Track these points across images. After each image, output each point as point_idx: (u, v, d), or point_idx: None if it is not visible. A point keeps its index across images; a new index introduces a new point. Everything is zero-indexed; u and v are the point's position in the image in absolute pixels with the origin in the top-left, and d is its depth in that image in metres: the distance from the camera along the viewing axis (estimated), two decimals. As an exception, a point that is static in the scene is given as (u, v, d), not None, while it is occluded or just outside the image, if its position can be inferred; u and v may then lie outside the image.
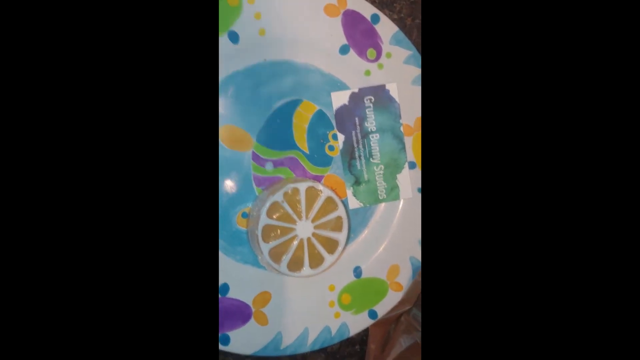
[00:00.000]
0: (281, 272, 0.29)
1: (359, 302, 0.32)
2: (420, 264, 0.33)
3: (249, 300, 0.30)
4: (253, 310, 0.30)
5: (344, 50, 0.31)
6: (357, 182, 0.32)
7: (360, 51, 0.32)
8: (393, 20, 0.33)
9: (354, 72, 0.32)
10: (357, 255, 0.32)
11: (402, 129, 0.32)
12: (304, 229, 0.29)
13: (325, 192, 0.29)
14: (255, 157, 0.30)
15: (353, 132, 0.32)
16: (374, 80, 0.32)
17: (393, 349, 0.33)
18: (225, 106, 0.29)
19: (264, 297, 0.30)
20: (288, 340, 0.30)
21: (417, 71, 0.32)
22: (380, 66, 0.32)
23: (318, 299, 0.31)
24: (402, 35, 0.32)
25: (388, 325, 0.34)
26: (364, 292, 0.32)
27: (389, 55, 0.32)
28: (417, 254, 0.33)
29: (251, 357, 0.31)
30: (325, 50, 0.31)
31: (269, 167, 0.31)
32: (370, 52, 0.32)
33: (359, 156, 0.32)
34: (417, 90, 0.33)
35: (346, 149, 0.32)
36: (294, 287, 0.31)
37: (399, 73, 0.32)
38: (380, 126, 0.32)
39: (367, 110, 0.32)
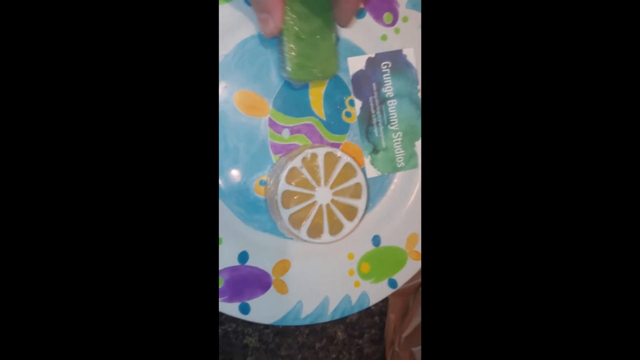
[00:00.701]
0: (301, 238, 0.28)
1: (379, 271, 0.31)
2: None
3: (268, 269, 0.29)
4: (273, 278, 0.29)
5: (360, 14, 0.31)
6: (375, 150, 0.31)
7: (376, 15, 0.31)
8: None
9: (370, 37, 0.31)
10: (376, 224, 0.32)
11: (419, 94, 0.32)
12: (323, 195, 0.29)
13: (344, 158, 0.29)
14: (272, 123, 0.30)
15: (370, 98, 0.31)
16: (390, 45, 0.31)
17: (413, 319, 0.33)
18: (240, 71, 0.29)
19: (284, 265, 0.29)
20: (308, 309, 0.30)
21: (434, 36, 0.32)
22: (397, 30, 0.31)
23: (337, 268, 0.30)
24: (418, -1, 0.31)
25: (408, 295, 0.33)
26: (383, 261, 0.31)
27: (405, 19, 0.31)
28: (436, 222, 0.32)
29: (270, 328, 0.31)
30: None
31: (285, 134, 0.30)
32: (387, 17, 0.31)
33: (377, 123, 0.31)
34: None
35: (363, 116, 0.31)
36: (314, 255, 0.30)
37: (416, 37, 0.32)
38: (398, 92, 0.31)
39: (384, 76, 0.31)
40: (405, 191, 0.32)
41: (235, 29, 0.28)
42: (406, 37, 0.31)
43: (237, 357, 0.31)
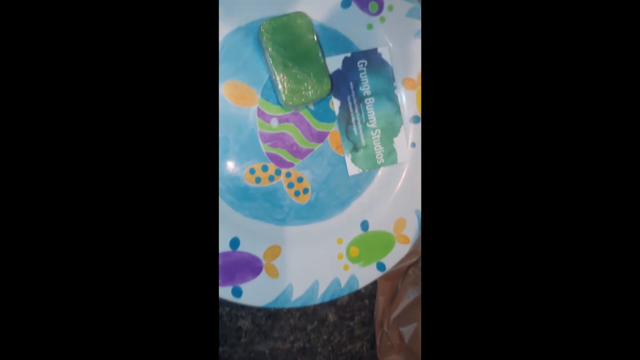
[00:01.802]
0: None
1: (367, 255, 0.32)
2: (426, 217, 0.33)
3: (259, 254, 0.30)
4: (264, 263, 0.30)
5: (346, 3, 0.31)
6: (355, 148, 0.32)
7: (362, 4, 0.31)
8: (394, -28, 0.33)
9: (356, 26, 0.31)
10: (364, 209, 0.33)
11: (396, 91, 0.32)
12: None
13: None
14: (261, 113, 0.30)
15: (348, 97, 0.32)
16: (376, 34, 0.32)
17: (402, 301, 0.34)
18: (229, 62, 0.30)
19: (274, 251, 0.31)
20: (298, 292, 0.31)
21: (419, 24, 0.32)
22: (383, 19, 0.32)
23: (327, 252, 0.31)
24: (403, -13, 0.32)
25: (396, 278, 0.34)
26: (371, 245, 0.32)
27: (390, 8, 0.32)
28: (423, 207, 0.33)
29: (263, 311, 0.32)
30: (327, 5, 0.31)
31: (274, 123, 0.31)
32: (372, 5, 0.32)
33: (356, 121, 0.32)
34: (420, 43, 0.32)
35: (342, 115, 0.32)
36: (304, 240, 0.31)
37: (402, 26, 0.32)
38: (375, 90, 0.32)
39: (360, 75, 0.32)
40: (392, 178, 0.33)
41: (221, 22, 0.29)
42: (391, 25, 0.32)
43: (231, 339, 0.32)
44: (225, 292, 0.29)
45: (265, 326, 0.32)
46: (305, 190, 0.32)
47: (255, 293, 0.30)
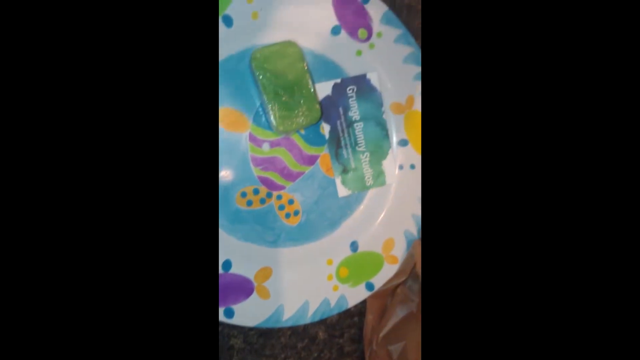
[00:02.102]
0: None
1: (356, 275, 0.33)
2: (413, 237, 0.34)
3: (251, 276, 0.31)
4: (255, 284, 0.31)
5: (335, 31, 0.32)
6: (344, 171, 0.33)
7: (351, 32, 0.32)
8: (383, 0, 0.33)
9: (346, 53, 0.32)
10: (354, 230, 0.33)
11: (384, 116, 0.33)
12: None
13: None
14: (252, 138, 0.31)
15: (338, 122, 0.33)
16: (365, 60, 0.33)
17: (390, 319, 0.34)
18: (221, 89, 0.30)
19: (266, 272, 0.31)
20: (289, 312, 0.31)
21: (407, 49, 0.33)
22: (372, 46, 0.33)
23: (317, 273, 0.32)
24: (392, 14, 0.33)
25: (385, 297, 0.35)
26: (360, 266, 0.33)
27: (379, 34, 0.33)
28: (412, 227, 0.34)
29: (255, 330, 0.33)
30: (317, 32, 0.32)
31: (265, 147, 0.32)
32: (362, 32, 0.32)
33: (345, 145, 0.33)
34: (409, 69, 0.33)
35: (332, 139, 0.33)
36: (294, 262, 0.32)
37: (390, 52, 0.33)
38: (364, 115, 0.33)
39: (350, 100, 0.32)
40: (381, 199, 0.34)
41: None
42: (380, 51, 0.33)
43: (224, 357, 0.33)
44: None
45: (257, 344, 0.33)
46: (296, 212, 0.32)
47: (247, 314, 0.31)
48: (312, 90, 0.30)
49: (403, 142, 0.34)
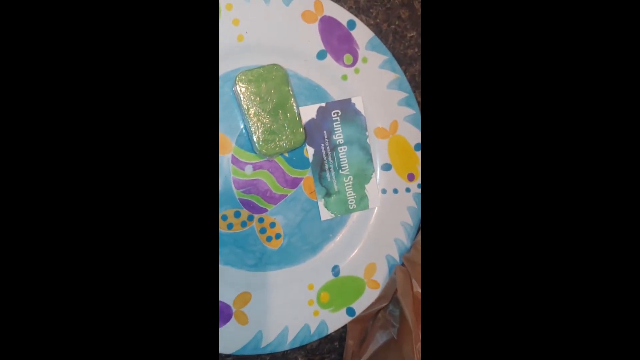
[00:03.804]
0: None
1: (337, 300, 0.33)
2: (395, 262, 0.34)
3: (229, 301, 0.30)
4: (234, 310, 0.30)
5: (321, 55, 0.32)
6: (327, 194, 0.33)
7: (337, 56, 0.32)
8: (369, 25, 0.34)
9: (331, 77, 0.32)
10: (336, 255, 0.33)
11: (368, 140, 0.33)
12: None
13: None
14: (235, 160, 0.31)
15: (322, 145, 0.32)
16: (350, 85, 0.33)
17: (370, 345, 0.34)
18: (204, 110, 0.30)
19: (244, 298, 0.31)
20: (268, 339, 0.31)
21: (392, 75, 0.33)
22: (357, 71, 0.33)
23: (297, 298, 0.32)
24: (377, 40, 0.33)
25: (366, 322, 0.35)
26: (342, 291, 0.33)
27: (365, 60, 0.33)
28: (394, 252, 0.34)
29: (232, 357, 0.32)
30: (302, 56, 0.32)
31: (248, 170, 0.31)
32: (347, 58, 0.33)
33: (329, 168, 0.33)
34: (393, 94, 0.34)
35: (316, 162, 0.32)
36: (274, 286, 0.31)
37: (375, 77, 0.33)
38: (348, 138, 0.33)
39: (334, 124, 0.33)
40: (364, 223, 0.34)
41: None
42: (365, 77, 0.33)
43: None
44: (193, 340, 0.29)
45: (234, 371, 0.32)
46: (278, 236, 0.32)
47: (225, 340, 0.30)
48: (296, 113, 0.30)
49: (386, 167, 0.34)
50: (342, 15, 0.32)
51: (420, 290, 0.31)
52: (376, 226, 0.34)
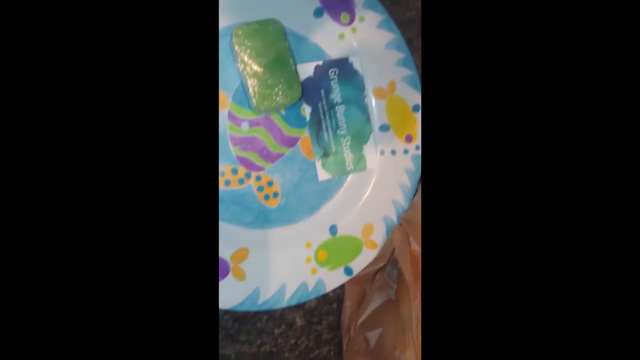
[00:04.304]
0: None
1: (335, 259, 0.32)
2: (393, 223, 0.34)
3: (227, 256, 0.30)
4: (231, 265, 0.30)
5: (318, 13, 0.32)
6: (325, 154, 0.33)
7: (334, 14, 0.32)
8: (366, -15, 0.34)
9: (328, 35, 0.32)
10: (333, 215, 0.33)
11: (366, 100, 0.33)
12: None
13: None
14: (232, 116, 0.31)
15: (319, 104, 0.32)
16: (348, 44, 0.33)
17: (369, 306, 0.34)
18: (201, 66, 0.30)
19: (242, 253, 0.31)
20: (265, 296, 0.31)
21: (390, 36, 0.33)
22: (354, 30, 0.33)
23: (295, 256, 0.32)
24: (375, 0, 0.33)
25: (364, 283, 0.35)
26: (339, 249, 0.33)
27: (362, 19, 0.33)
28: (391, 213, 0.34)
29: (230, 314, 0.32)
30: (299, 13, 0.32)
31: (244, 126, 0.31)
32: (344, 16, 0.32)
33: (326, 128, 0.33)
34: (391, 54, 0.33)
35: (313, 121, 0.32)
36: (272, 244, 0.31)
37: (373, 37, 0.33)
38: (346, 98, 0.33)
39: (332, 83, 0.32)
40: (362, 184, 0.34)
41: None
42: (363, 36, 0.33)
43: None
44: (191, 294, 0.29)
45: (232, 330, 0.32)
46: (275, 194, 0.32)
47: (222, 295, 0.30)
48: (293, 69, 0.30)
49: (384, 127, 0.34)
50: (339, -27, 0.32)
51: (418, 249, 0.31)
52: (374, 188, 0.34)
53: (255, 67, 0.29)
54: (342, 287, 0.34)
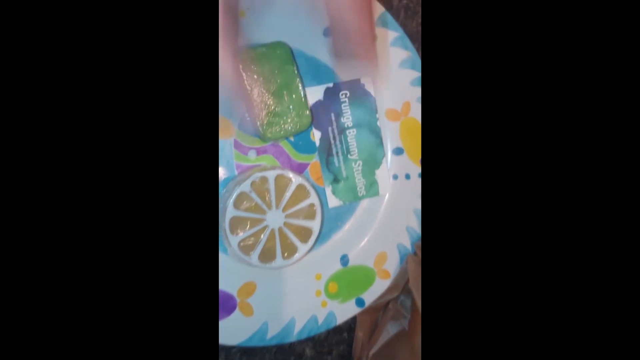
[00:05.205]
0: (253, 265, 0.28)
1: (346, 291, 0.31)
2: (407, 251, 0.32)
3: (233, 291, 0.29)
4: (238, 300, 0.29)
5: (328, 32, 0.30)
6: (335, 180, 0.31)
7: (345, 33, 0.30)
8: (379, 0, 0.32)
9: (339, 55, 0.30)
10: (344, 244, 0.32)
11: (379, 123, 0.31)
12: (274, 218, 0.28)
13: (295, 180, 0.28)
14: (238, 144, 0.29)
15: (329, 128, 0.31)
16: (360, 64, 0.31)
17: (381, 336, 0.33)
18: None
19: (249, 288, 0.29)
20: (274, 330, 0.30)
21: (404, 54, 0.31)
22: (366, 49, 0.31)
23: (304, 289, 0.31)
24: (388, 16, 0.31)
25: (376, 312, 0.33)
26: (351, 281, 0.31)
27: (375, 37, 0.31)
28: (405, 240, 0.32)
29: (237, 348, 0.31)
30: (308, 32, 0.30)
31: (252, 155, 0.30)
32: (356, 34, 0.31)
33: (337, 153, 0.31)
34: (405, 74, 0.32)
35: (323, 146, 0.31)
36: (280, 277, 0.30)
37: (386, 56, 0.31)
38: (357, 121, 0.31)
39: (342, 106, 0.31)
40: (374, 210, 0.32)
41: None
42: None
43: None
44: (196, 332, 0.28)
45: (240, 363, 0.31)
46: (284, 224, 0.31)
47: (229, 332, 0.29)
48: (302, 94, 0.28)
49: (398, 151, 0.32)
50: (351, -11, 0.30)
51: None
52: (387, 214, 0.32)
53: (262, 94, 0.27)
54: (353, 317, 0.33)
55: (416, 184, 0.32)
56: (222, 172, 0.29)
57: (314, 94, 0.30)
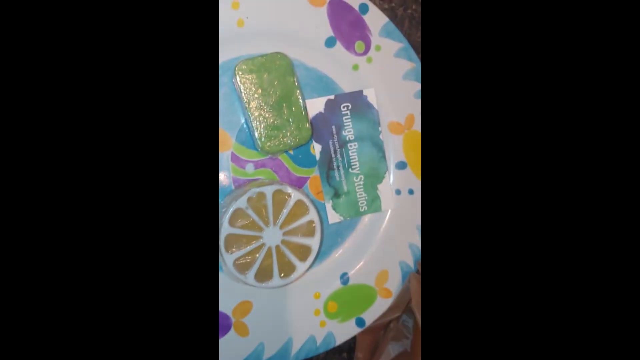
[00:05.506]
0: (248, 284, 0.27)
1: (346, 310, 0.30)
2: (410, 269, 0.31)
3: (228, 311, 0.28)
4: (233, 320, 0.28)
5: (330, 42, 0.29)
6: (336, 195, 0.30)
7: (347, 44, 0.29)
8: (383, 10, 0.31)
9: (340, 67, 0.30)
10: (344, 261, 0.30)
11: (381, 136, 0.30)
12: (271, 236, 0.27)
13: (294, 196, 0.27)
14: (235, 158, 0.28)
15: (330, 142, 0.30)
16: (362, 75, 0.30)
17: (381, 358, 0.32)
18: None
19: (245, 307, 0.28)
20: (270, 352, 0.28)
21: (408, 65, 0.30)
22: (369, 60, 0.30)
23: (303, 308, 0.29)
24: (392, 26, 0.30)
25: (377, 332, 0.32)
26: (351, 300, 0.30)
27: (378, 48, 0.30)
28: (408, 258, 0.31)
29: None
30: (309, 43, 0.29)
31: (249, 168, 0.29)
32: (359, 45, 0.30)
33: (337, 167, 0.30)
34: (409, 85, 0.31)
35: (324, 159, 0.30)
36: (277, 296, 0.29)
37: (389, 67, 0.30)
38: (359, 134, 0.30)
39: (344, 118, 0.30)
40: (375, 227, 0.31)
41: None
42: (379, 66, 0.30)
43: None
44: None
45: (235, 384, 0.30)
46: (282, 240, 0.29)
47: (224, 352, 0.28)
48: (302, 107, 0.27)
49: (401, 165, 0.31)
50: (354, -2, 0.29)
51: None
52: (389, 230, 0.31)
53: (261, 106, 0.26)
54: (352, 337, 0.32)
55: (419, 199, 0.31)
56: (219, 186, 0.28)
57: (315, 106, 0.29)
